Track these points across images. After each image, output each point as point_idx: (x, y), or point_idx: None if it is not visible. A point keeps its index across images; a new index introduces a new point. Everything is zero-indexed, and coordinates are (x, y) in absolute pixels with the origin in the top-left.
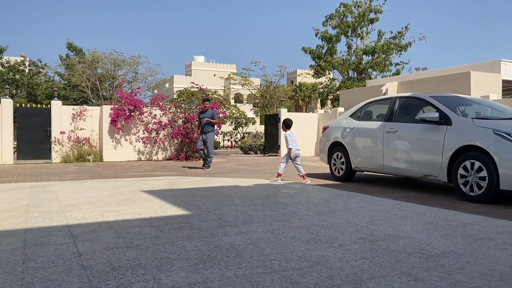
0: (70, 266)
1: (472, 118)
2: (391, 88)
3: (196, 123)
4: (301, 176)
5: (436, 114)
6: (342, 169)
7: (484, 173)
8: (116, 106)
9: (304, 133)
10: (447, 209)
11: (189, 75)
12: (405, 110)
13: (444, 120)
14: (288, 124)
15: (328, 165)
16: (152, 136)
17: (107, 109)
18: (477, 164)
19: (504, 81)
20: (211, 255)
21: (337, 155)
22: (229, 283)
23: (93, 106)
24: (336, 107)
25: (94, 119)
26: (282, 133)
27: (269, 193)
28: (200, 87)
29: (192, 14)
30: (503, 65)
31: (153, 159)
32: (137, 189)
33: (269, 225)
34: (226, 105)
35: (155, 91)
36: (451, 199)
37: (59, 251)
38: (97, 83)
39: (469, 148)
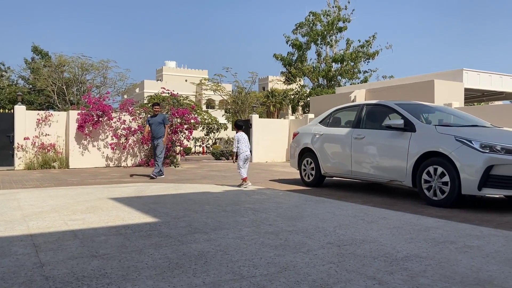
0: (31, 277)
1: (435, 125)
2: (359, 95)
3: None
4: (241, 179)
5: (401, 121)
6: (312, 175)
7: (446, 178)
8: (83, 111)
9: (275, 139)
10: (412, 214)
11: (160, 80)
12: (372, 117)
13: (408, 127)
14: (238, 126)
15: (298, 171)
16: (121, 142)
17: (74, 114)
18: (440, 169)
19: (466, 89)
20: (179, 263)
21: (307, 161)
22: None
23: (59, 111)
24: (306, 113)
25: (60, 125)
26: (254, 139)
27: (240, 199)
28: (171, 92)
29: (163, 18)
30: (465, 74)
31: (122, 165)
32: (104, 196)
33: (239, 232)
34: (198, 111)
35: (125, 96)
36: (416, 203)
37: (20, 261)
38: (64, 87)
39: (432, 154)
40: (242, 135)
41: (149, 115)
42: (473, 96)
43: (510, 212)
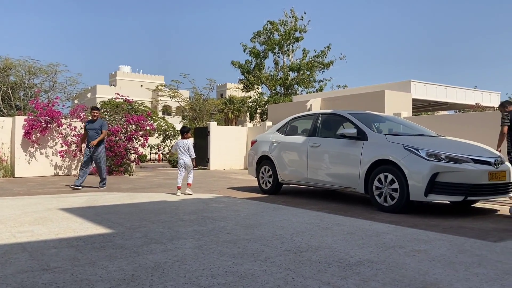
0: None
1: (385, 134)
2: (315, 104)
3: (121, 135)
4: (177, 187)
5: (354, 130)
6: (269, 182)
7: (396, 185)
8: (30, 117)
9: (233, 146)
10: (364, 219)
11: (113, 85)
12: (327, 125)
13: (361, 135)
14: (181, 131)
15: (256, 178)
16: (71, 149)
17: (20, 120)
18: (390, 176)
19: (414, 100)
20: (135, 275)
21: (265, 169)
22: None
23: (4, 116)
24: (264, 120)
25: (5, 131)
26: (212, 146)
27: (198, 208)
28: (125, 98)
29: (117, 22)
30: (413, 85)
31: (73, 174)
32: (54, 207)
33: (197, 241)
34: (154, 117)
35: (76, 102)
36: (368, 209)
37: None
38: (9, 92)
39: (383, 162)
40: (178, 142)
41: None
42: (421, 106)
43: (454, 217)
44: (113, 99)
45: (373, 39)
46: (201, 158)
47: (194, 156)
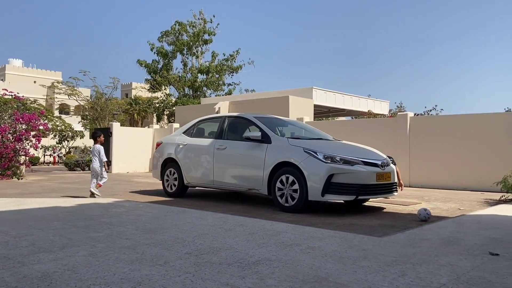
0: None
1: (288, 137)
2: (223, 107)
3: (9, 135)
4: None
5: (259, 133)
6: (174, 185)
7: (296, 186)
8: None
9: (138, 149)
10: (266, 220)
11: (1, 80)
12: (233, 128)
13: (265, 139)
14: (93, 136)
15: (161, 181)
16: None
17: None
18: (291, 178)
19: (315, 106)
20: (19, 286)
21: (170, 171)
22: None
23: None
24: (172, 122)
25: None
26: (114, 148)
27: (95, 214)
28: (15, 94)
29: (6, 9)
30: (315, 92)
31: None
32: None
33: (91, 248)
34: (49, 116)
35: None
36: (271, 210)
37: None
38: None
39: (285, 164)
40: (92, 146)
41: None
42: (321, 112)
43: (347, 215)
44: (1, 96)
45: (280, 45)
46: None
47: (105, 159)
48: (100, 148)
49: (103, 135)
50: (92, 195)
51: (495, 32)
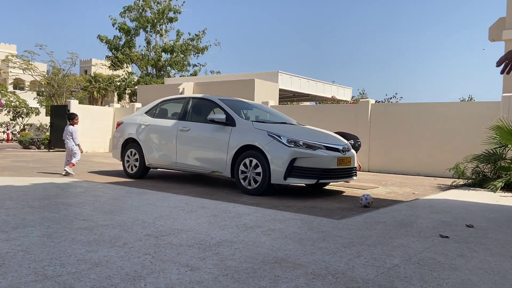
0: None
1: (253, 121)
2: (188, 87)
3: None
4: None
5: (223, 116)
6: (135, 166)
7: (259, 169)
8: None
9: (97, 128)
10: (228, 202)
11: None
12: (197, 110)
13: (230, 121)
14: (68, 118)
15: (121, 162)
16: None
17: None
18: (255, 161)
19: (280, 90)
20: None
21: (131, 152)
22: None
23: None
24: (134, 102)
25: None
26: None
27: (51, 194)
28: None
29: None
30: (280, 76)
31: None
32: None
33: (47, 229)
34: (2, 91)
35: None
36: (233, 192)
37: None
38: None
39: (249, 147)
40: (66, 127)
41: None
42: (286, 96)
43: (308, 198)
44: None
45: (247, 28)
46: (59, 139)
47: (77, 142)
48: (73, 130)
49: (78, 117)
50: (67, 174)
51: (455, 23)
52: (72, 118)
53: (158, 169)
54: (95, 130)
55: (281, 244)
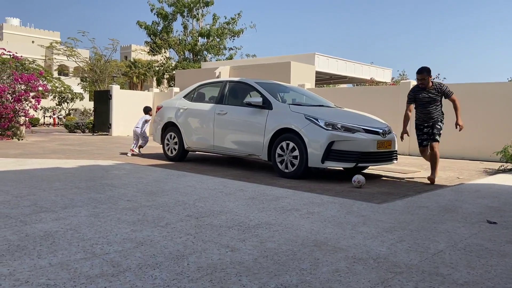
0: None
1: (289, 104)
2: (224, 71)
3: (8, 96)
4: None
5: (260, 99)
6: (175, 149)
7: (296, 153)
8: None
9: (138, 112)
10: (266, 185)
11: None
12: (234, 93)
13: (266, 104)
14: (144, 110)
15: (161, 145)
16: None
17: None
18: (291, 144)
19: (317, 72)
20: (21, 245)
21: (171, 135)
22: (41, 273)
23: None
24: (172, 86)
25: None
26: (114, 111)
27: (96, 175)
28: (13, 54)
29: None
30: (317, 58)
31: None
32: None
33: (93, 209)
34: (48, 77)
35: None
36: (270, 175)
37: None
38: None
39: (286, 130)
40: (143, 116)
41: None
42: (323, 79)
43: (346, 182)
44: None
45: (283, 10)
46: (102, 123)
47: (139, 131)
48: (144, 118)
49: (151, 111)
50: (134, 154)
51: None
52: (149, 110)
53: (197, 152)
54: (135, 114)
55: (320, 227)
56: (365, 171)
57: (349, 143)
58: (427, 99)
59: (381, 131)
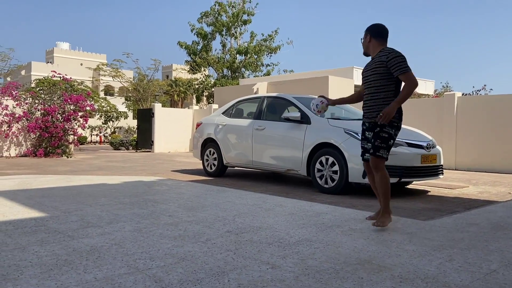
0: None
1: (328, 118)
2: (262, 87)
3: (58, 116)
4: None
5: (298, 114)
6: (214, 165)
7: (336, 168)
8: None
9: (178, 129)
10: (305, 201)
11: (50, 62)
12: (272, 109)
13: (304, 119)
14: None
15: (201, 161)
16: (2, 129)
17: None
18: (331, 159)
19: (356, 86)
20: (69, 260)
21: (210, 151)
22: (87, 287)
23: None
24: (211, 103)
25: None
26: (156, 129)
27: (139, 191)
28: (63, 76)
29: None
30: (355, 71)
31: (4, 155)
32: None
33: (136, 224)
34: (95, 97)
35: (8, 79)
36: (310, 191)
37: None
38: None
39: (325, 145)
40: None
41: (36, 100)
42: None
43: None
44: (50, 77)
45: (319, 25)
46: (145, 141)
47: None
48: None
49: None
50: None
51: None
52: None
53: (235, 168)
54: (176, 131)
55: (363, 245)
56: (410, 186)
57: (392, 157)
58: (366, 75)
59: (425, 144)
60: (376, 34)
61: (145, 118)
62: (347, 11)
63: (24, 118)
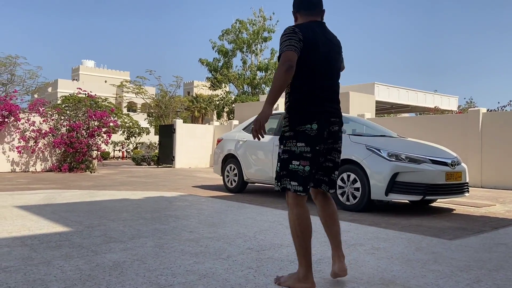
0: None
1: (349, 134)
2: (282, 103)
3: (83, 131)
4: None
5: None
6: (234, 181)
7: (358, 184)
8: None
9: (199, 145)
10: None
11: (76, 79)
12: None
13: None
14: None
15: (221, 177)
16: (29, 145)
17: None
18: (353, 176)
19: (377, 102)
20: (92, 274)
21: (230, 167)
22: None
23: None
24: (231, 119)
25: None
26: (177, 144)
27: (161, 206)
28: (88, 93)
29: (79, 14)
30: (377, 87)
31: (31, 170)
32: (8, 204)
33: (158, 240)
34: (118, 114)
35: (35, 96)
36: None
37: None
38: None
39: (346, 161)
40: None
41: (62, 117)
42: (383, 108)
43: (413, 216)
44: (75, 94)
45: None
46: (166, 156)
47: None
48: None
49: None
50: None
51: None
52: None
53: (256, 184)
54: (197, 146)
55: (387, 264)
56: (434, 204)
57: (415, 174)
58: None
59: (449, 161)
60: (295, 6)
61: (167, 134)
62: (366, 26)
63: (50, 134)
